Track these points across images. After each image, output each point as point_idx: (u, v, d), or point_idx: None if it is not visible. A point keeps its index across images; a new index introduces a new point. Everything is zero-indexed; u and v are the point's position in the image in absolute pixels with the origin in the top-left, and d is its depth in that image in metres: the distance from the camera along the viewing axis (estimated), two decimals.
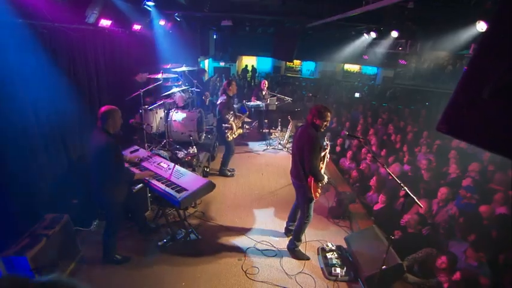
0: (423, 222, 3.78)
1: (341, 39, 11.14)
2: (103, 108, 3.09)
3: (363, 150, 6.20)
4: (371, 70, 18.65)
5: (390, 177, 3.08)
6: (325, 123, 3.45)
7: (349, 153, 6.37)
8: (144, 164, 4.09)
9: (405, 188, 2.68)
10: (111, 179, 3.16)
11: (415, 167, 5.51)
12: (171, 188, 3.54)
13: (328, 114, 3.42)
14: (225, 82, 5.71)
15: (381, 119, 9.01)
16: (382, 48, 10.25)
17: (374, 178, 4.98)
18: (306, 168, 3.45)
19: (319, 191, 3.65)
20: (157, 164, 4.09)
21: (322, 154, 3.60)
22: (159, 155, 4.61)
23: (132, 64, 6.07)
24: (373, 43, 9.90)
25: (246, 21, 9.02)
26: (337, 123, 8.94)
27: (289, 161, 3.82)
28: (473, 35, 5.80)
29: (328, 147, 3.63)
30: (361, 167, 5.83)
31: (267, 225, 4.53)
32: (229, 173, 6.09)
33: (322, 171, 3.62)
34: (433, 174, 5.04)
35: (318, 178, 3.49)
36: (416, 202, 2.65)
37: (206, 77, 12.41)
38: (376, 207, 4.60)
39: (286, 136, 8.01)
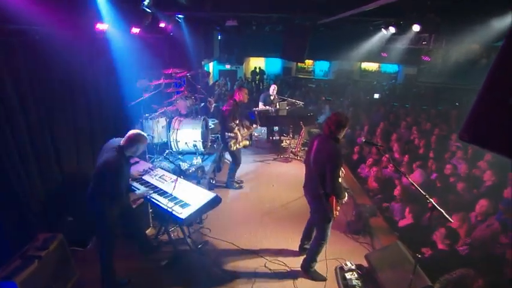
0: (453, 236, 3.66)
1: (357, 35, 11.09)
2: (132, 132, 3.21)
3: (384, 158, 6.10)
4: (391, 68, 18.50)
5: (413, 188, 3.00)
6: (344, 132, 3.39)
7: (369, 161, 6.28)
8: (146, 177, 4.12)
9: (431, 200, 2.62)
10: (107, 200, 3.19)
11: (444, 176, 5.38)
12: (174, 203, 3.55)
13: (347, 121, 3.34)
14: (235, 88, 5.71)
15: (405, 122, 8.88)
16: (402, 44, 10.14)
17: (398, 188, 4.89)
18: (328, 188, 3.34)
19: (339, 208, 3.57)
20: (159, 177, 4.12)
21: None
22: (161, 167, 4.65)
23: (132, 70, 6.17)
24: (393, 39, 9.80)
25: (252, 20, 9.09)
26: (355, 128, 8.85)
27: (302, 170, 3.77)
28: (509, 24, 5.63)
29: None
30: (373, 173, 5.73)
31: (278, 242, 4.49)
32: (236, 185, 6.08)
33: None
34: (465, 182, 4.91)
35: (341, 197, 3.43)
36: (445, 216, 2.58)
37: (211, 81, 12.52)
38: (402, 223, 4.50)
39: (298, 143, 7.97)
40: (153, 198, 3.68)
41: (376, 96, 14.86)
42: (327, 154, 3.30)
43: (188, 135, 6.33)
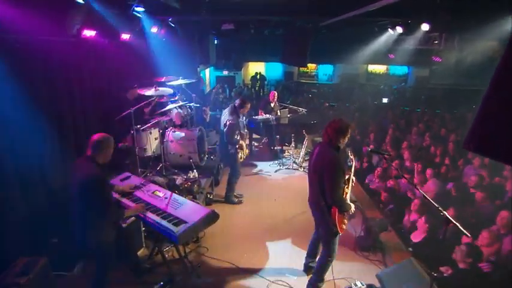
0: (475, 255, 3.59)
1: (361, 36, 11.19)
2: (95, 136, 3.18)
3: (393, 168, 6.06)
4: (401, 70, 18.61)
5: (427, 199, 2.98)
6: (345, 140, 3.41)
7: (377, 171, 6.24)
8: (137, 193, 4.10)
9: (445, 212, 2.60)
10: (97, 218, 3.17)
11: (461, 185, 5.33)
12: (168, 221, 3.51)
13: (349, 129, 3.38)
14: (238, 100, 5.72)
15: (416, 127, 8.87)
16: (411, 44, 10.20)
17: (416, 201, 4.83)
18: (327, 198, 3.36)
19: (346, 221, 3.56)
20: (152, 192, 4.09)
21: (347, 177, 3.53)
22: (154, 182, 4.63)
23: (121, 79, 6.21)
24: (400, 39, 9.88)
25: (250, 23, 9.18)
26: (362, 135, 8.84)
27: (306, 182, 3.76)
28: None
29: (353, 164, 3.56)
30: (389, 185, 5.69)
31: (282, 262, 4.45)
32: (236, 200, 6.07)
33: (348, 196, 3.53)
34: (487, 194, 4.85)
35: (344, 209, 3.42)
36: (462, 230, 2.55)
37: (208, 88, 12.59)
38: (416, 238, 4.45)
39: (301, 154, 7.97)
40: (145, 215, 3.65)
41: (385, 100, 14.89)
42: (326, 163, 3.33)
43: (183, 147, 6.32)
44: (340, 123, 3.36)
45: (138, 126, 5.84)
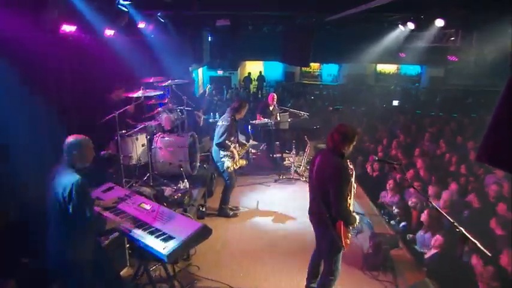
0: (504, 279, 3.53)
1: (370, 33, 11.29)
2: (69, 138, 3.16)
3: (408, 176, 6.03)
4: (413, 70, 18.76)
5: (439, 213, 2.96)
6: (350, 148, 3.43)
7: (390, 183, 6.19)
8: (121, 205, 4.07)
9: (461, 228, 2.58)
10: (74, 232, 3.13)
11: (482, 196, 5.32)
12: (155, 237, 3.49)
13: (355, 135, 3.39)
14: (235, 102, 5.85)
15: (428, 133, 8.89)
16: (424, 42, 10.25)
17: (426, 212, 4.82)
18: (333, 211, 3.36)
19: (350, 236, 3.55)
20: (138, 205, 4.06)
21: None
22: (141, 193, 4.61)
23: (105, 79, 6.21)
24: (412, 36, 9.95)
25: (248, 19, 9.24)
26: (370, 141, 8.84)
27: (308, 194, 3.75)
28: None
29: (353, 173, 3.56)
30: (410, 203, 5.65)
31: (281, 281, 4.43)
32: (231, 213, 6.05)
33: (351, 207, 3.53)
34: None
35: (350, 222, 3.43)
36: (481, 248, 2.53)
37: (200, 89, 12.61)
38: (429, 254, 4.41)
39: (303, 162, 7.97)
40: (130, 230, 3.62)
41: (395, 103, 14.94)
42: (330, 171, 3.33)
43: (173, 154, 6.31)
44: (348, 129, 3.38)
45: (123, 131, 5.82)
